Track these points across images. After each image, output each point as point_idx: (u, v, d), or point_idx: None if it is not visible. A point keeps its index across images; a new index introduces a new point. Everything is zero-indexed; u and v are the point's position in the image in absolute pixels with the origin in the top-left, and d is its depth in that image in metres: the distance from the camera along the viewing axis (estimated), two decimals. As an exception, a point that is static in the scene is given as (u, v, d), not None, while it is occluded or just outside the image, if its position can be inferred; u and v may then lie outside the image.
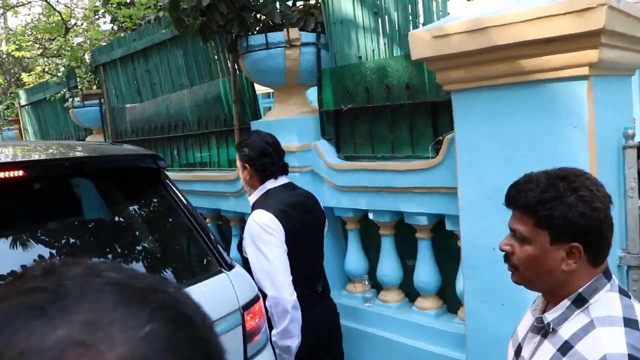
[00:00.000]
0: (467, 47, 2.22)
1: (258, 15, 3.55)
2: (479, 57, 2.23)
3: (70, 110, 6.21)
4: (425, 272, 3.04)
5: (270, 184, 2.62)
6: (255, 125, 3.69)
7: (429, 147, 2.92)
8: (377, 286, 3.42)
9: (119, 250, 2.09)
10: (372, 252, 3.43)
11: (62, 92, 6.31)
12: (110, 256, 2.05)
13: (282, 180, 2.67)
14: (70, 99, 6.00)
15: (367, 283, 3.39)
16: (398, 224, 3.20)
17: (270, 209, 2.48)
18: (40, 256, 1.86)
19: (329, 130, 3.42)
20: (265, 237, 2.42)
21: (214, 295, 2.03)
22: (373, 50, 3.17)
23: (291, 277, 2.43)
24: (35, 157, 2.16)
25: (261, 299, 2.28)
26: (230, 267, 2.18)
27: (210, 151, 4.52)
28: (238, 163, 2.69)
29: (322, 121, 3.43)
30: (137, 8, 6.89)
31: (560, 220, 1.21)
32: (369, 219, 3.34)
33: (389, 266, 3.23)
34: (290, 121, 3.43)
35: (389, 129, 3.10)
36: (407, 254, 3.25)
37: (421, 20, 2.95)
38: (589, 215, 1.20)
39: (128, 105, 5.60)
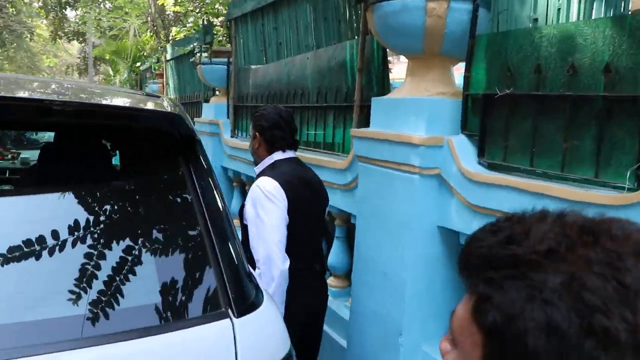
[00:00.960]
0: None
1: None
2: None
3: (197, 67, 5.75)
4: None
5: (278, 155, 2.64)
6: (376, 102, 2.78)
7: (627, 173, 1.81)
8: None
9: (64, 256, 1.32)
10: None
11: (191, 45, 5.87)
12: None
13: (290, 154, 2.68)
14: (198, 54, 5.52)
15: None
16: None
17: (277, 178, 2.48)
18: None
19: (473, 122, 2.40)
20: (267, 203, 2.41)
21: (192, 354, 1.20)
22: (558, 9, 2.09)
23: (285, 248, 2.41)
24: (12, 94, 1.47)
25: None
26: (246, 309, 1.33)
27: (325, 129, 3.69)
28: (251, 131, 2.74)
29: (465, 109, 2.43)
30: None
31: None
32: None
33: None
34: (421, 103, 2.47)
35: (563, 132, 2.01)
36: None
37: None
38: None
39: (253, 67, 4.96)
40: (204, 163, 1.66)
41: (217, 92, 6.07)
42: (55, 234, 1.34)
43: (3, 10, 19.17)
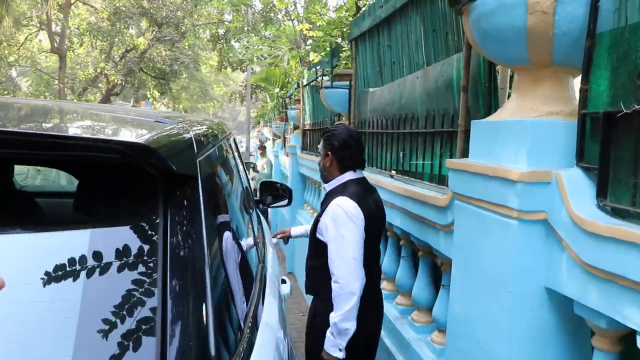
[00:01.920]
0: None
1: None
2: None
3: (321, 91, 5.52)
4: None
5: (349, 175, 2.77)
6: (475, 126, 2.26)
7: None
8: None
9: None
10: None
11: (314, 69, 5.67)
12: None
13: (359, 174, 2.81)
14: (320, 78, 5.28)
15: None
16: None
17: (354, 198, 2.60)
18: None
19: (591, 151, 1.78)
20: (348, 222, 2.53)
21: None
22: None
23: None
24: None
25: None
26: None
27: (433, 159, 3.18)
28: (322, 150, 2.84)
29: (582, 133, 1.81)
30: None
31: None
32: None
33: None
34: (523, 126, 1.90)
35: None
36: None
37: None
38: None
39: (371, 90, 4.59)
40: (189, 205, 1.33)
41: (342, 118, 5.79)
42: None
43: (175, 44, 21.11)
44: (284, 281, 2.72)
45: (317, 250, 2.69)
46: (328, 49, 5.87)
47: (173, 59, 21.44)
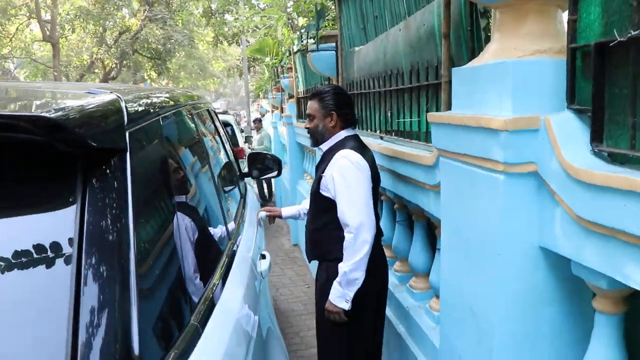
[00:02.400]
0: None
1: None
2: None
3: (307, 55, 5.27)
4: None
5: (346, 132, 2.74)
6: (455, 74, 2.04)
7: None
8: None
9: None
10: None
11: (298, 32, 5.41)
12: None
13: (353, 131, 2.79)
14: (305, 41, 5.03)
15: None
16: None
17: (357, 150, 2.60)
18: None
19: (583, 90, 1.56)
20: (358, 173, 2.53)
21: None
22: None
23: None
24: None
25: None
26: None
27: (420, 115, 2.96)
28: (320, 111, 2.73)
29: (572, 71, 1.59)
30: None
31: None
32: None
33: None
34: (505, 68, 1.68)
35: None
36: None
37: None
38: None
39: (356, 49, 4.34)
40: (115, 184, 1.14)
41: (332, 82, 5.55)
42: None
43: (167, 22, 20.67)
44: (263, 256, 2.54)
45: (322, 209, 2.65)
46: (313, 11, 5.59)
47: (166, 38, 21.03)
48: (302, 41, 6.71)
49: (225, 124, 8.38)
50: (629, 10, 1.34)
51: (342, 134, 2.73)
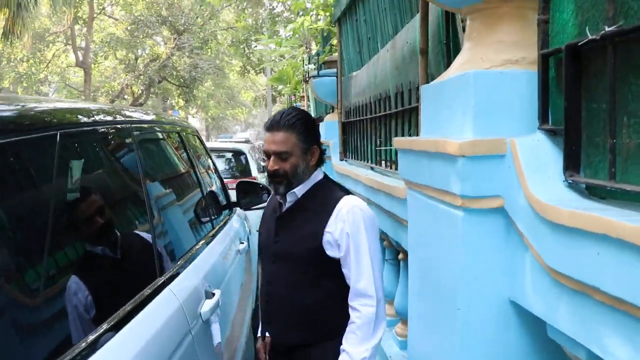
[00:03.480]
0: None
1: None
2: None
3: (309, 81, 5.04)
4: None
5: (320, 171, 2.04)
6: (423, 91, 1.75)
7: None
8: None
9: None
10: None
11: (300, 58, 5.20)
12: None
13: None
14: (307, 67, 4.81)
15: None
16: None
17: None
18: None
19: (556, 107, 1.25)
20: (374, 227, 1.89)
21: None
22: None
23: None
24: None
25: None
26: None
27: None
28: (299, 146, 1.94)
29: (544, 83, 1.28)
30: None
31: None
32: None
33: None
34: (465, 81, 1.38)
35: None
36: None
37: None
38: None
39: (354, 73, 4.09)
40: None
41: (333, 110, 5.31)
42: None
43: (194, 51, 20.86)
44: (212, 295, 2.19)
45: (323, 273, 1.94)
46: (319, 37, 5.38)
47: (192, 66, 21.18)
48: (313, 68, 6.51)
49: (239, 153, 8.21)
50: (604, 4, 1.04)
51: (319, 174, 2.05)
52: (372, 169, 3.32)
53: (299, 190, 1.99)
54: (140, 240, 1.82)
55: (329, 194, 1.97)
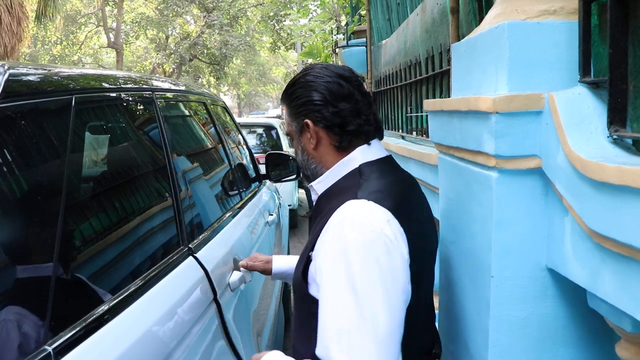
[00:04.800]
0: None
1: None
2: None
3: (337, 51, 4.94)
4: None
5: (360, 154, 1.35)
6: (453, 50, 1.66)
7: None
8: None
9: None
10: None
11: (327, 27, 5.09)
12: None
13: (378, 148, 1.39)
14: (336, 37, 4.71)
15: None
16: None
17: (382, 200, 1.22)
18: None
19: (602, 57, 1.15)
20: (382, 256, 1.15)
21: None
22: None
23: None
24: None
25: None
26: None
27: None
28: (291, 124, 1.43)
29: (586, 32, 1.18)
30: None
31: None
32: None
33: None
34: (499, 35, 1.28)
35: None
36: None
37: None
38: None
39: (383, 42, 3.98)
40: None
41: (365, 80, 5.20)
42: None
43: (224, 28, 20.81)
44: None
45: (310, 314, 1.27)
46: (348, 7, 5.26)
47: (222, 43, 21.19)
48: (342, 38, 6.38)
49: (270, 128, 8.20)
50: None
51: (355, 157, 1.36)
52: (402, 137, 3.23)
53: (319, 187, 1.42)
54: (165, 207, 1.78)
55: (340, 195, 1.29)
